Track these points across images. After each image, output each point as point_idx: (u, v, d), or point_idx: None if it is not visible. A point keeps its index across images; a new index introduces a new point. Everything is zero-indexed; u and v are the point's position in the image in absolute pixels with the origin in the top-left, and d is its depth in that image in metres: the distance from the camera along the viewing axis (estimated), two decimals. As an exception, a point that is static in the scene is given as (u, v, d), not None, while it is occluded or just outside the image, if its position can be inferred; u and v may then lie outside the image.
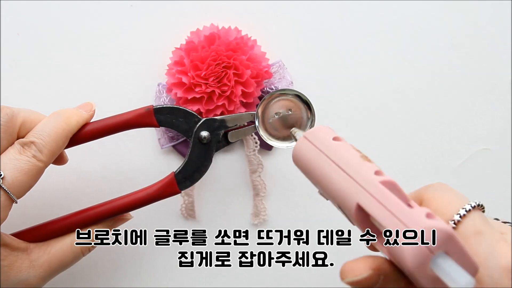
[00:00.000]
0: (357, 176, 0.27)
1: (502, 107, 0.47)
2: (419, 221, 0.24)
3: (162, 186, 0.39)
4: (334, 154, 0.28)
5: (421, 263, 0.24)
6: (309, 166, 0.29)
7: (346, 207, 0.27)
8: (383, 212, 0.25)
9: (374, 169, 0.27)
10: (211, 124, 0.40)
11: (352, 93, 0.47)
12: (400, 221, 0.24)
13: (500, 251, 0.26)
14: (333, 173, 0.27)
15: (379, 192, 0.26)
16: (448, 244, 0.24)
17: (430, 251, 0.24)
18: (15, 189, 0.34)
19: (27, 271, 0.36)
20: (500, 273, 0.26)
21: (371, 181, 0.26)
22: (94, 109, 0.40)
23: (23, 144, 0.36)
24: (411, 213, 0.24)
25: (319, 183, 0.29)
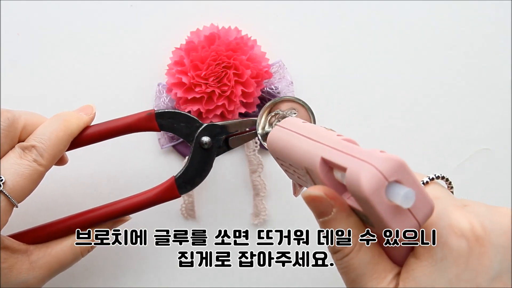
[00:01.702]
0: (322, 139, 0.29)
1: (502, 107, 0.47)
2: (374, 155, 0.26)
3: (162, 190, 0.39)
4: (303, 130, 0.32)
5: (376, 188, 0.25)
6: (280, 144, 0.33)
7: (312, 166, 0.29)
8: (343, 156, 0.27)
9: (337, 134, 0.30)
10: (212, 130, 0.40)
11: (352, 93, 0.47)
12: (358, 158, 0.26)
13: (453, 214, 0.27)
14: (301, 142, 0.31)
15: (340, 144, 0.28)
16: (401, 173, 0.26)
17: (385, 177, 0.25)
18: (15, 194, 0.34)
19: (27, 273, 0.36)
20: (448, 231, 0.26)
21: (333, 139, 0.29)
22: (94, 112, 0.40)
23: (24, 148, 0.36)
24: (367, 151, 0.26)
25: (289, 156, 0.32)
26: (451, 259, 0.26)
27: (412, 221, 0.26)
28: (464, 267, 0.26)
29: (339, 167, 0.28)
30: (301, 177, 0.33)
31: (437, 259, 0.27)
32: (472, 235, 0.26)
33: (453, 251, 0.26)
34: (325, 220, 0.29)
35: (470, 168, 0.47)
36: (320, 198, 0.28)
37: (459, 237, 0.26)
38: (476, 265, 0.26)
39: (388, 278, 0.28)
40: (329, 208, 0.28)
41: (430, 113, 0.47)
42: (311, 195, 0.29)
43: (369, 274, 0.28)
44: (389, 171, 0.25)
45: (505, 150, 0.47)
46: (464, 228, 0.26)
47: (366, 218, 0.28)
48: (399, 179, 0.26)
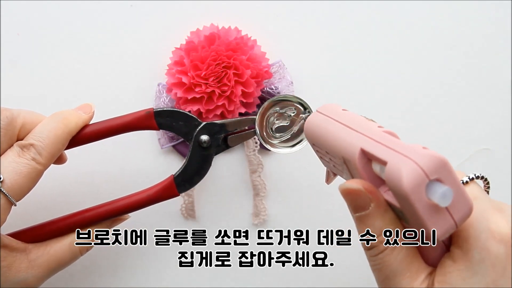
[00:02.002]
0: (362, 130, 0.29)
1: (502, 107, 0.47)
2: (416, 151, 0.25)
3: (161, 189, 0.39)
4: (342, 118, 0.31)
5: (416, 185, 0.25)
6: (318, 131, 0.32)
7: (351, 156, 0.28)
8: (383, 149, 0.27)
9: (378, 125, 0.29)
10: (211, 128, 0.40)
11: (352, 93, 0.47)
12: (399, 153, 0.26)
13: (492, 217, 0.26)
14: (341, 131, 0.30)
15: (380, 137, 0.28)
16: (443, 172, 0.25)
17: (426, 175, 0.25)
18: (14, 192, 0.34)
19: (26, 271, 0.36)
20: (487, 235, 0.26)
21: (374, 131, 0.28)
22: (93, 110, 0.40)
23: (22, 146, 0.36)
24: (409, 146, 0.26)
25: (327, 144, 0.31)
26: (489, 263, 0.26)
27: (449, 221, 0.26)
28: (501, 273, 0.26)
29: (379, 160, 0.27)
30: (337, 165, 0.32)
31: (474, 263, 0.26)
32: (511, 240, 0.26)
33: (492, 255, 0.26)
34: (362, 215, 0.28)
35: (470, 168, 0.47)
36: (358, 191, 0.28)
37: (498, 241, 0.26)
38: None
39: (421, 278, 0.28)
40: (367, 202, 0.28)
41: (430, 113, 0.47)
42: (349, 188, 0.28)
43: (403, 273, 0.28)
44: (431, 169, 0.25)
45: (505, 150, 0.47)
46: (503, 233, 0.26)
47: (402, 214, 0.27)
48: (440, 177, 0.25)
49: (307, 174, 0.46)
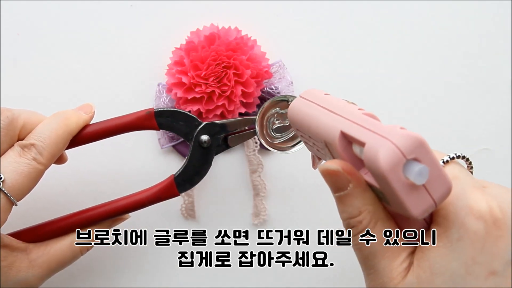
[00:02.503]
0: (343, 113, 0.29)
1: (502, 107, 0.47)
2: (393, 131, 0.26)
3: (162, 189, 0.39)
4: (324, 102, 0.31)
5: (393, 164, 0.25)
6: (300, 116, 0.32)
7: (331, 139, 0.29)
8: (362, 130, 0.27)
9: (358, 108, 0.29)
10: (211, 128, 0.40)
11: (352, 93, 0.47)
12: (377, 134, 0.26)
13: (472, 194, 0.26)
14: (322, 115, 0.30)
15: (360, 119, 0.28)
16: (420, 151, 0.25)
17: (403, 155, 0.25)
18: (15, 192, 0.34)
19: (26, 271, 0.36)
20: (466, 212, 0.26)
21: (354, 113, 0.29)
22: (93, 110, 0.40)
23: (23, 146, 0.36)
24: (387, 127, 0.26)
25: (309, 128, 0.31)
26: (467, 240, 0.26)
27: (428, 200, 0.26)
28: (480, 250, 0.25)
29: (358, 141, 0.27)
30: (320, 150, 0.32)
31: (453, 240, 0.26)
32: (490, 218, 0.26)
33: (470, 232, 0.26)
34: (341, 195, 0.28)
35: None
36: (337, 172, 0.28)
37: (477, 218, 0.26)
38: (492, 248, 0.25)
39: (402, 257, 0.28)
40: (346, 183, 0.28)
41: (430, 113, 0.47)
42: (328, 169, 0.28)
43: (382, 252, 0.28)
44: (408, 149, 0.25)
45: (505, 150, 0.47)
46: (482, 210, 0.26)
47: (383, 195, 0.27)
48: (418, 157, 0.25)
49: (307, 174, 0.46)
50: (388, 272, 0.28)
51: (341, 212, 0.29)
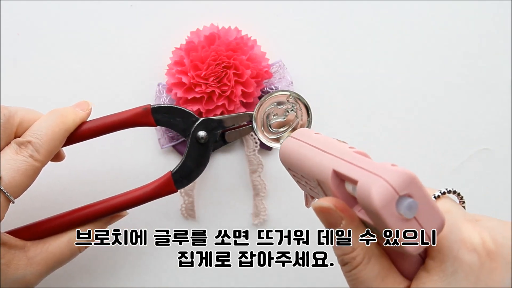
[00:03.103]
0: (334, 151, 0.30)
1: (502, 107, 0.47)
2: (386, 168, 0.26)
3: (159, 185, 0.39)
4: (315, 142, 0.32)
5: (386, 201, 0.25)
6: (292, 155, 0.33)
7: (324, 178, 0.29)
8: (354, 168, 0.27)
9: (349, 146, 0.30)
10: (208, 124, 0.40)
11: (352, 93, 0.47)
12: (368, 171, 0.26)
13: (464, 227, 0.27)
14: (313, 154, 0.31)
15: (351, 157, 0.28)
16: (412, 187, 0.26)
17: (396, 191, 0.25)
18: (12, 189, 0.34)
19: (25, 269, 0.36)
20: (460, 245, 0.26)
21: (345, 152, 0.29)
22: (90, 107, 0.40)
23: (20, 144, 0.36)
24: (378, 165, 0.27)
25: (301, 167, 0.32)
26: (462, 273, 0.26)
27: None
28: (474, 282, 0.26)
29: (350, 179, 0.28)
30: (313, 188, 0.33)
31: (448, 274, 0.26)
32: (483, 250, 0.26)
33: (464, 265, 0.26)
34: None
35: (470, 168, 0.47)
36: (329, 209, 0.28)
37: (470, 251, 0.26)
38: (487, 280, 0.26)
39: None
40: (339, 220, 0.28)
41: (430, 113, 0.47)
42: (320, 206, 0.29)
43: (378, 287, 0.28)
44: (400, 185, 0.25)
45: (505, 150, 0.47)
46: (475, 243, 0.26)
47: (377, 231, 0.28)
48: (410, 192, 0.26)
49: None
50: None
51: (335, 248, 0.30)
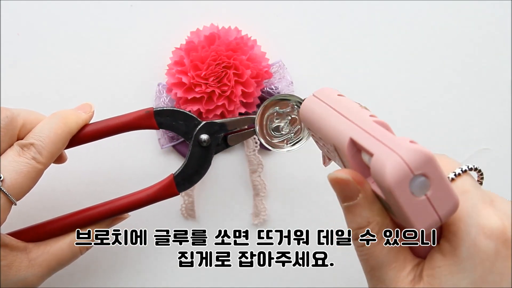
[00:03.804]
0: (354, 118, 0.29)
1: (502, 107, 0.47)
2: (402, 145, 0.25)
3: (161, 188, 0.39)
4: (336, 104, 0.31)
5: (400, 179, 0.25)
6: (312, 116, 0.32)
7: (341, 145, 0.29)
8: (371, 140, 0.27)
9: (370, 114, 0.29)
10: (211, 128, 0.40)
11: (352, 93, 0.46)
12: (386, 146, 0.26)
13: (483, 211, 0.26)
14: (333, 117, 0.30)
15: (370, 127, 0.28)
16: (428, 167, 0.25)
17: (411, 170, 0.25)
18: (14, 191, 0.34)
19: (26, 270, 0.36)
20: (477, 230, 0.26)
21: (365, 120, 0.28)
22: (93, 110, 0.40)
23: (22, 146, 0.36)
24: (397, 140, 0.26)
25: (319, 130, 0.31)
26: (477, 259, 0.26)
27: (433, 216, 0.26)
28: (489, 269, 0.25)
29: (366, 151, 0.27)
30: (330, 151, 0.32)
31: (463, 259, 0.26)
32: (502, 237, 0.25)
33: (480, 252, 0.26)
34: (350, 205, 0.28)
35: (470, 168, 0.47)
36: (347, 181, 0.28)
37: (487, 237, 0.25)
38: (502, 268, 0.25)
39: (408, 269, 0.28)
40: (356, 192, 0.28)
41: (430, 113, 0.47)
42: (338, 177, 0.28)
43: (389, 263, 0.28)
44: (416, 164, 0.25)
45: (505, 150, 0.47)
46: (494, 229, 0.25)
47: (389, 206, 0.27)
48: (425, 172, 0.25)
49: (307, 174, 0.46)
50: (394, 283, 0.28)
51: (349, 222, 0.29)
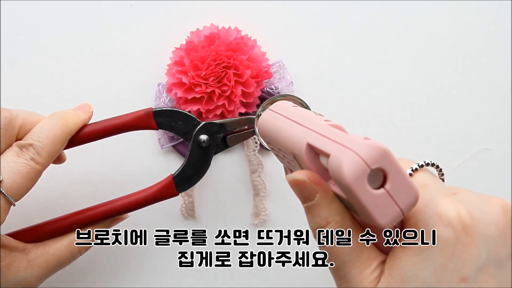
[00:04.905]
0: (309, 124, 0.29)
1: (502, 107, 0.47)
2: (357, 142, 0.25)
3: (161, 188, 0.39)
4: (292, 114, 0.31)
5: (357, 175, 0.25)
6: (269, 128, 0.32)
7: (299, 151, 0.29)
8: (327, 142, 0.27)
9: (324, 119, 0.29)
10: (210, 128, 0.40)
11: (352, 93, 0.47)
12: (341, 145, 0.26)
13: (441, 201, 0.26)
14: (289, 127, 0.30)
15: (326, 130, 0.28)
16: (384, 161, 0.25)
17: (367, 165, 0.25)
18: (13, 192, 0.34)
19: (25, 271, 0.36)
20: (435, 219, 0.26)
21: (320, 125, 0.29)
22: (92, 110, 0.40)
23: (21, 146, 0.36)
24: (351, 138, 0.26)
25: (277, 140, 0.31)
26: (437, 248, 0.26)
27: (395, 209, 0.26)
28: (450, 257, 0.26)
29: (323, 153, 0.27)
30: (290, 162, 0.32)
31: (423, 248, 0.26)
32: (459, 224, 0.26)
33: (439, 240, 0.26)
34: (309, 205, 0.28)
35: (470, 168, 0.47)
36: (303, 182, 0.28)
37: (445, 226, 0.26)
38: (462, 254, 0.25)
39: (372, 266, 0.28)
40: (313, 193, 0.28)
41: (430, 113, 0.47)
42: (295, 179, 0.28)
43: (352, 262, 0.28)
44: (372, 158, 0.25)
45: (505, 150, 0.47)
46: (451, 217, 0.26)
47: (351, 205, 0.27)
48: (382, 166, 0.25)
49: (307, 174, 0.46)
50: (359, 281, 0.28)
51: (309, 222, 0.29)
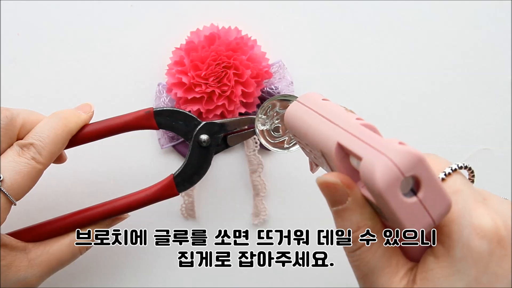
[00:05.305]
0: (340, 122, 0.28)
1: (502, 107, 0.47)
2: (391, 147, 0.25)
3: (161, 188, 0.39)
4: (321, 109, 0.30)
5: (391, 182, 0.24)
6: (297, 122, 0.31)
7: (328, 150, 0.28)
8: (359, 144, 0.26)
9: (356, 117, 0.28)
10: (210, 128, 0.40)
11: (352, 93, 0.47)
12: (374, 148, 0.25)
13: (475, 210, 0.26)
14: (319, 123, 0.29)
15: (358, 130, 0.27)
16: (419, 168, 0.24)
17: (401, 172, 0.24)
18: (14, 192, 0.34)
19: (26, 270, 0.36)
20: (470, 231, 0.25)
21: (351, 123, 0.28)
22: (92, 110, 0.40)
23: (22, 146, 0.36)
24: (385, 142, 0.25)
25: (305, 136, 0.30)
26: (471, 260, 0.25)
27: (426, 218, 0.25)
28: (483, 270, 0.25)
29: (355, 155, 0.26)
30: (317, 157, 0.32)
31: (456, 260, 0.25)
32: (495, 237, 0.25)
33: (474, 253, 0.25)
34: (339, 209, 0.28)
35: (470, 168, 0.47)
36: (335, 185, 0.27)
37: (480, 238, 0.25)
38: (496, 268, 0.25)
39: (401, 274, 0.27)
40: (345, 196, 0.27)
41: (430, 113, 0.47)
42: (326, 181, 0.27)
43: (381, 269, 0.27)
44: (406, 166, 0.24)
45: (505, 150, 0.47)
46: (486, 229, 0.25)
47: (380, 210, 0.27)
48: (416, 174, 0.24)
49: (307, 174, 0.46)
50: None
51: (338, 226, 0.28)
